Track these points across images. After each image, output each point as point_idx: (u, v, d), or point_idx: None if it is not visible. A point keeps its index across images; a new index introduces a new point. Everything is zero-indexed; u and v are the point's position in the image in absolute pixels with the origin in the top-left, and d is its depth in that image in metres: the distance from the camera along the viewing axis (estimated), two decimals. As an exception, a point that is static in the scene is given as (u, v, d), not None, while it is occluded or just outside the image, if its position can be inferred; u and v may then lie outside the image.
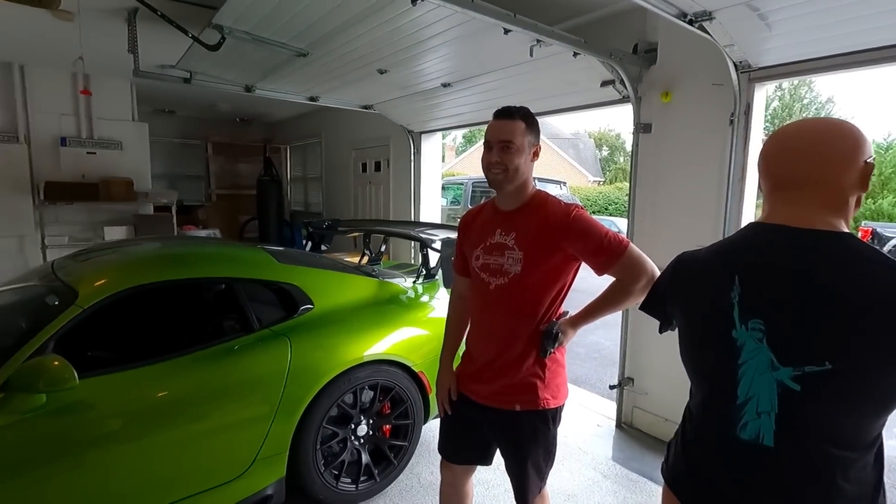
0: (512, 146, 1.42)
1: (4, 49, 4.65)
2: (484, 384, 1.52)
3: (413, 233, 3.24)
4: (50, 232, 5.51)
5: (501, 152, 1.42)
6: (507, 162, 1.42)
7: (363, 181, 6.61)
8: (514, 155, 1.42)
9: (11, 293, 2.12)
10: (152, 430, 1.78)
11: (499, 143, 1.43)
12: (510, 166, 1.42)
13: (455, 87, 3.74)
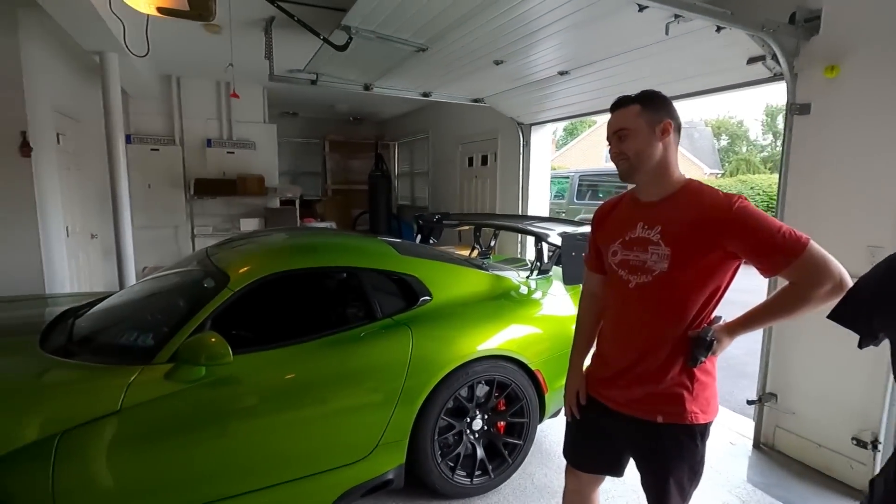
0: (626, 132, 1.33)
1: (167, 64, 5.34)
2: (620, 390, 1.40)
3: (527, 226, 3.15)
4: (198, 223, 6.28)
5: (618, 143, 1.35)
6: (625, 150, 1.34)
7: (469, 175, 6.64)
8: (630, 140, 1.33)
9: (175, 276, 2.41)
10: (287, 407, 1.91)
11: (613, 136, 1.37)
12: (629, 153, 1.33)
13: (573, 74, 3.57)
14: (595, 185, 9.68)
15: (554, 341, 2.56)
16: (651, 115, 1.33)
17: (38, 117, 3.55)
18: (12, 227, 3.47)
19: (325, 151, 9.15)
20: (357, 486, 2.03)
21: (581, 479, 1.56)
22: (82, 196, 4.69)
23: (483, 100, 4.86)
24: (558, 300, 2.76)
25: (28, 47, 3.44)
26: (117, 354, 1.82)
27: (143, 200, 5.82)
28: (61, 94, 4.21)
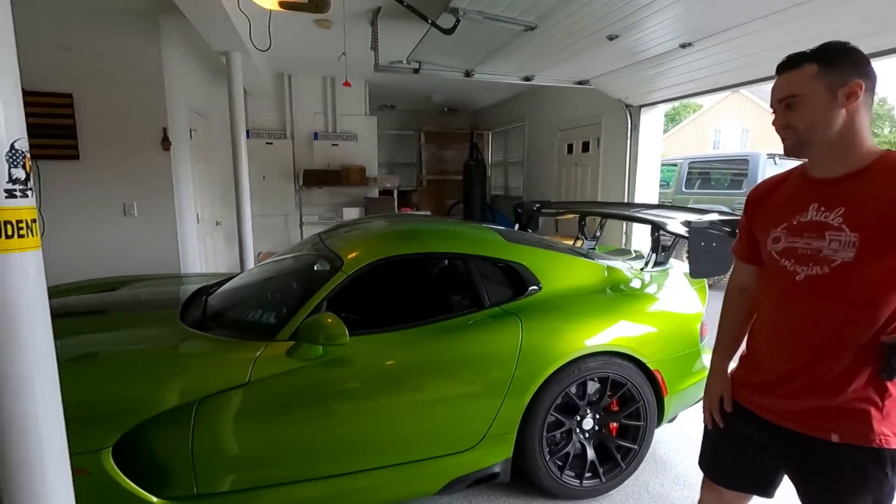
0: (796, 100, 1.11)
1: (281, 62, 5.70)
2: (780, 399, 1.19)
3: (641, 214, 2.90)
4: (305, 211, 6.68)
5: (785, 112, 1.13)
6: (793, 121, 1.12)
7: (568, 163, 6.36)
8: (801, 110, 1.10)
9: (292, 259, 2.53)
10: (398, 391, 1.91)
11: (779, 104, 1.14)
12: (800, 125, 1.11)
13: (697, 46, 3.22)
14: (707, 172, 8.84)
15: (673, 340, 2.33)
16: (833, 75, 1.09)
17: (176, 115, 3.95)
18: (155, 214, 3.90)
19: (421, 142, 9.29)
20: (463, 475, 1.99)
21: (722, 495, 1.38)
22: (209, 187, 5.17)
23: (588, 81, 4.59)
24: (677, 295, 2.51)
25: (168, 51, 3.83)
26: (244, 330, 1.93)
27: (258, 191, 6.30)
28: (193, 94, 4.66)
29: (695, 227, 2.32)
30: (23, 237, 0.95)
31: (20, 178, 0.95)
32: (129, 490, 1.60)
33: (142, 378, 1.69)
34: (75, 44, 3.53)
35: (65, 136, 3.53)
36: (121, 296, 2.68)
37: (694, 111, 23.79)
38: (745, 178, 6.77)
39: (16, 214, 0.94)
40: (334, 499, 1.87)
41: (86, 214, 3.73)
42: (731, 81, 3.71)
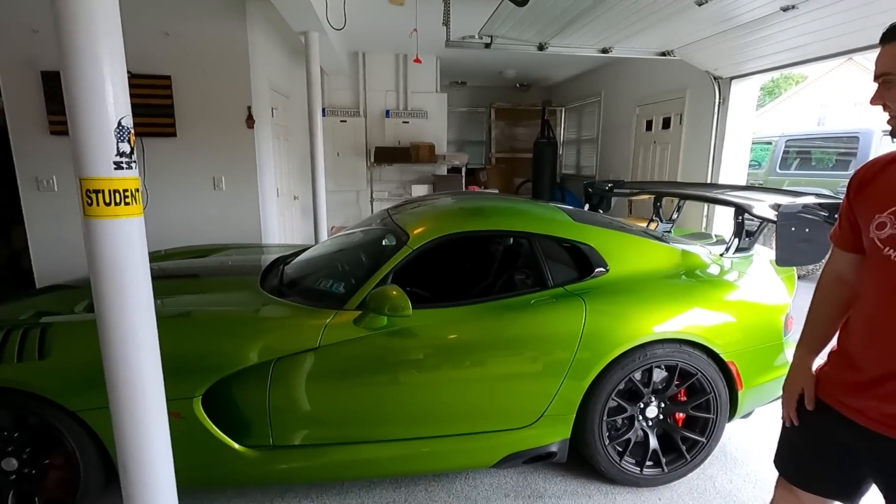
0: (893, 78, 0.99)
1: (355, 40, 5.83)
2: (877, 402, 1.09)
3: (724, 196, 2.70)
4: (376, 188, 6.88)
5: (883, 90, 1.02)
6: (891, 101, 1.01)
7: (646, 141, 6.02)
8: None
9: (362, 233, 2.63)
10: (458, 365, 1.96)
11: (878, 80, 1.03)
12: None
13: (802, 8, 2.88)
14: (807, 151, 7.98)
15: (752, 331, 2.18)
16: None
17: (259, 94, 4.19)
18: (240, 188, 4.20)
19: (491, 119, 9.18)
20: (520, 451, 2.01)
21: (799, 498, 1.29)
22: (288, 163, 5.46)
23: (672, 52, 4.27)
24: (761, 284, 2.33)
25: (253, 34, 4.04)
26: (316, 298, 2.06)
27: (332, 167, 6.56)
28: (275, 74, 4.90)
29: (784, 211, 2.12)
30: (128, 205, 1.07)
31: (126, 152, 1.06)
32: (215, 435, 1.79)
33: (227, 337, 1.86)
34: (173, 29, 3.83)
35: (164, 115, 3.87)
36: (210, 262, 2.93)
37: (797, 83, 21.40)
38: (854, 157, 6.04)
39: (122, 184, 1.06)
40: (394, 462, 1.97)
41: (182, 187, 4.09)
42: (841, 48, 3.29)
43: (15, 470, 1.76)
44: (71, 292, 2.39)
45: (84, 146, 1.02)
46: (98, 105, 1.02)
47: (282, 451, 1.89)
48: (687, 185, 3.89)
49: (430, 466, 2.05)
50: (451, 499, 2.07)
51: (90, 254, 1.07)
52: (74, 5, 0.99)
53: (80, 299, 2.17)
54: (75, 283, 2.51)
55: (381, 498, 2.07)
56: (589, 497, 2.08)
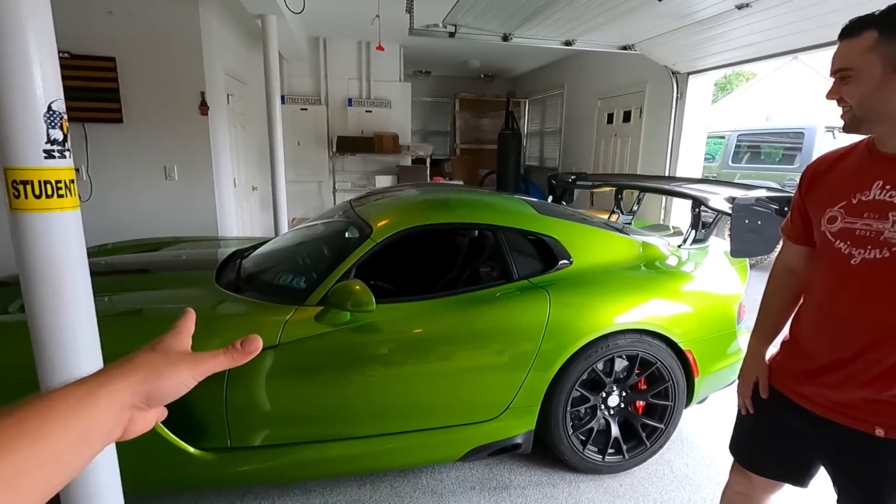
0: (850, 73, 1.01)
1: (316, 25, 5.64)
2: (825, 389, 1.13)
3: (682, 189, 2.77)
4: (338, 178, 6.73)
5: (838, 85, 1.04)
6: (846, 96, 1.02)
7: (608, 133, 6.13)
8: (853, 84, 1.00)
9: (323, 226, 2.56)
10: (421, 359, 1.93)
11: (834, 76, 1.05)
12: (851, 101, 1.02)
13: (756, 7, 2.97)
14: (757, 146, 8.35)
15: (708, 321, 2.25)
16: (894, 44, 0.97)
17: (213, 79, 3.99)
18: (194, 177, 4.00)
19: (455, 110, 9.13)
20: (485, 444, 2.01)
21: (753, 481, 1.34)
22: (245, 152, 5.25)
23: (633, 46, 4.35)
24: (716, 274, 2.42)
25: (206, 15, 3.83)
26: (275, 293, 1.98)
27: (292, 157, 6.36)
28: (230, 59, 4.68)
29: (739, 204, 2.20)
30: (62, 197, 0.98)
31: (58, 139, 0.97)
32: (168, 440, 1.70)
33: (179, 336, 1.76)
34: (117, 7, 3.58)
35: (109, 99, 3.63)
36: (162, 256, 2.79)
37: (747, 80, 22.34)
38: (800, 152, 6.35)
39: (54, 174, 0.97)
40: (359, 459, 1.93)
41: (130, 177, 3.86)
42: (792, 46, 3.43)
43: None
44: (4, 290, 2.22)
45: (9, 133, 0.92)
46: (24, 87, 0.92)
47: (241, 453, 1.82)
48: (647, 177, 3.99)
49: (395, 462, 2.03)
50: (417, 493, 2.05)
51: (18, 251, 0.97)
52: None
53: (14, 298, 2.01)
54: (7, 280, 2.33)
55: (345, 496, 2.03)
56: (553, 486, 2.11)
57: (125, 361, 0.40)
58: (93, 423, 0.35)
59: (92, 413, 0.35)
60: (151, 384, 0.40)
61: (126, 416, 0.38)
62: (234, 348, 0.45)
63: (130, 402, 0.38)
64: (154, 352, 0.42)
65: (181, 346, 0.45)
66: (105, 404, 0.36)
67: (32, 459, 0.30)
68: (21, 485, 0.30)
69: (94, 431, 0.35)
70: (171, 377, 0.41)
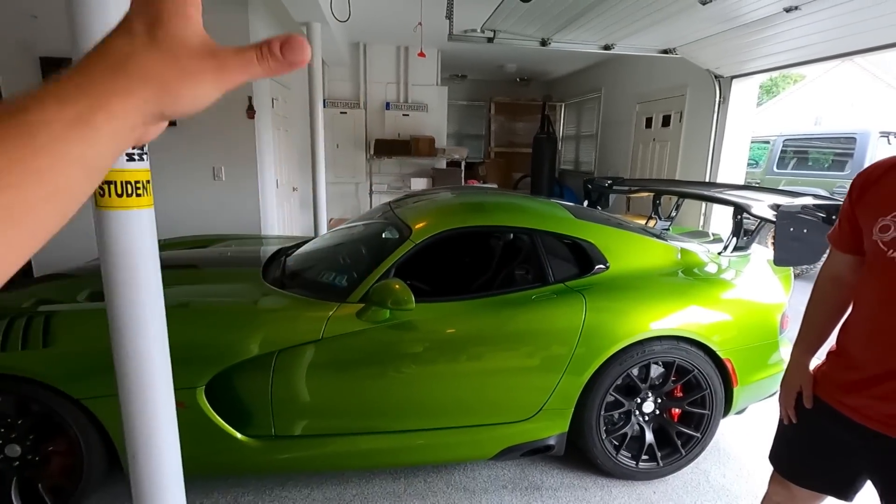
0: None
1: (357, 31, 5.79)
2: (874, 401, 1.11)
3: (723, 195, 2.72)
4: (375, 180, 6.86)
5: None
6: None
7: (646, 138, 6.03)
8: None
9: (364, 226, 2.64)
10: (459, 358, 1.98)
11: None
12: None
13: (804, 10, 2.89)
14: (804, 151, 8.02)
15: (748, 330, 2.21)
16: None
17: (260, 85, 4.16)
18: (240, 178, 4.18)
19: (491, 114, 9.16)
20: (518, 444, 2.04)
21: (792, 492, 1.32)
22: (288, 154, 5.44)
23: (674, 50, 4.28)
24: (757, 283, 2.36)
25: (254, 23, 4.01)
26: (319, 290, 2.07)
27: (331, 159, 6.53)
28: (276, 64, 4.85)
29: (783, 211, 2.15)
30: (140, 196, 1.08)
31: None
32: (218, 425, 1.80)
33: (230, 328, 1.87)
34: (174, 16, 3.79)
35: (164, 103, 3.83)
36: (210, 253, 2.93)
37: (795, 82, 21.44)
38: (851, 159, 6.08)
39: (134, 176, 1.07)
40: (394, 453, 2.00)
41: (181, 177, 4.07)
42: (843, 49, 3.32)
43: (18, 456, 1.78)
44: (70, 281, 2.39)
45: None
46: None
47: (283, 441, 1.91)
48: (686, 183, 3.92)
49: (429, 458, 2.08)
50: (450, 490, 2.10)
51: (101, 244, 1.07)
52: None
53: (82, 288, 2.17)
54: (74, 273, 2.51)
55: (380, 488, 2.09)
56: (585, 489, 2.12)
57: (117, 68, 0.29)
58: (94, 151, 0.28)
59: (91, 142, 0.28)
60: (164, 104, 0.31)
61: (134, 135, 0.31)
62: (272, 52, 0.33)
63: (139, 121, 0.30)
64: (160, 53, 0.30)
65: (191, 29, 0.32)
66: (107, 132, 0.28)
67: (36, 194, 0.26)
68: (29, 221, 0.26)
69: (99, 159, 0.29)
70: (189, 92, 0.31)
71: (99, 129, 0.28)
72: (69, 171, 0.27)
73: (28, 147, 0.25)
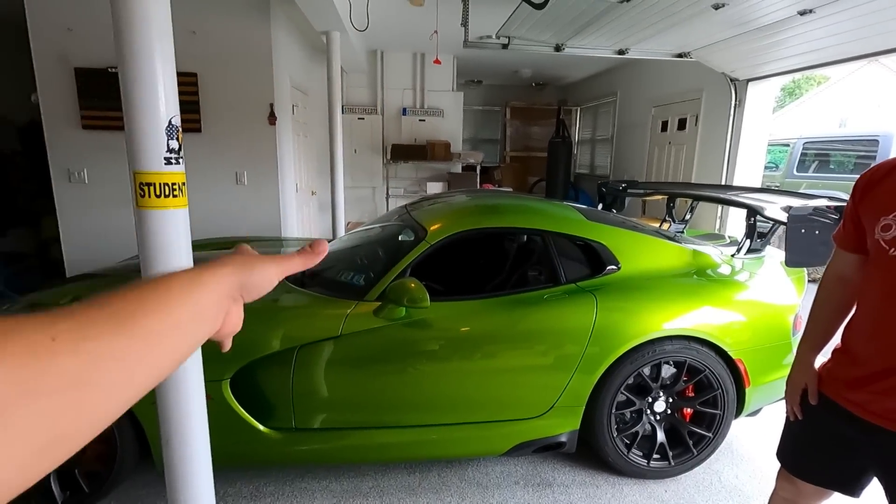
0: None
1: (375, 39, 5.92)
2: (877, 396, 1.14)
3: (736, 197, 2.74)
4: (391, 185, 6.97)
5: None
6: None
7: (661, 141, 6.02)
8: None
9: (380, 229, 2.72)
10: (472, 356, 2.04)
11: None
12: None
13: (819, 13, 2.90)
14: (825, 153, 7.89)
15: (760, 331, 2.23)
16: None
17: (281, 92, 4.29)
18: (261, 183, 4.31)
19: (506, 118, 9.22)
20: (530, 440, 2.09)
21: (799, 488, 1.35)
22: (307, 159, 5.58)
23: (689, 54, 4.29)
24: (770, 285, 2.38)
25: (276, 32, 4.15)
26: (338, 289, 2.15)
27: (349, 164, 6.66)
28: (296, 72, 5.00)
29: (794, 213, 2.16)
30: (176, 197, 1.17)
31: (175, 149, 1.16)
32: (242, 416, 1.89)
33: (253, 324, 1.94)
34: (200, 28, 3.95)
35: (190, 111, 3.99)
36: (234, 254, 3.05)
37: (819, 84, 21.02)
38: (874, 161, 5.98)
39: (171, 178, 1.16)
40: (408, 447, 2.06)
41: (205, 181, 4.21)
42: (862, 51, 3.30)
43: (57, 443, 1.88)
44: (102, 280, 2.51)
45: (138, 143, 1.12)
46: (152, 105, 1.11)
47: (303, 434, 1.99)
48: (700, 186, 3.92)
49: (442, 452, 2.14)
50: (463, 484, 2.15)
51: (141, 241, 1.16)
52: (133, 11, 1.08)
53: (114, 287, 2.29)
54: (105, 272, 2.64)
55: (395, 481, 2.16)
56: (597, 487, 2.15)
57: (213, 261, 0.42)
58: (203, 302, 0.38)
59: (202, 293, 0.38)
60: (245, 276, 0.42)
61: (226, 305, 0.41)
62: (306, 251, 0.50)
63: (228, 291, 0.41)
64: (239, 253, 0.45)
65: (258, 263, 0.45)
66: (211, 288, 0.39)
67: (162, 325, 0.33)
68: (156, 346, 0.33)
69: (206, 311, 0.38)
70: (260, 272, 0.44)
71: (206, 284, 0.39)
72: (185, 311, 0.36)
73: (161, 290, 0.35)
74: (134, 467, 1.94)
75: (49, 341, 0.27)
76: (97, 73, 3.81)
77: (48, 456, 0.26)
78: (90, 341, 0.29)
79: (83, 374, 0.28)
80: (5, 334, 0.26)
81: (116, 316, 0.32)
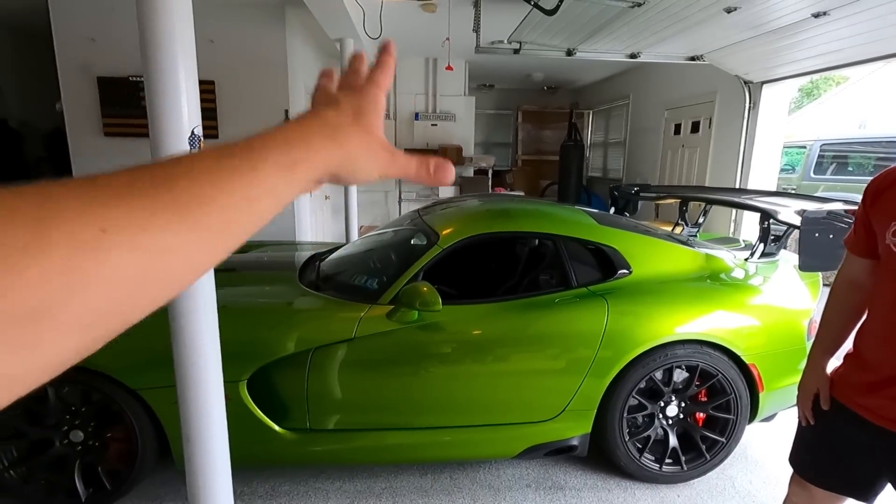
0: None
1: (386, 45, 5.97)
2: (889, 401, 1.14)
3: (750, 201, 2.72)
4: (404, 188, 7.03)
5: None
6: None
7: (674, 144, 5.99)
8: None
9: (393, 233, 2.76)
10: (484, 359, 2.06)
11: None
12: None
13: (833, 14, 2.88)
14: (844, 156, 7.76)
15: (774, 335, 2.21)
16: None
17: (295, 98, 4.37)
18: (276, 187, 4.38)
19: (518, 122, 9.23)
20: (542, 444, 2.10)
21: (812, 494, 1.34)
22: (321, 163, 5.64)
23: (702, 57, 4.27)
24: (784, 289, 2.36)
25: (291, 40, 4.23)
26: (351, 292, 2.19)
27: (362, 168, 6.72)
28: (311, 78, 5.08)
29: (808, 217, 2.15)
30: (197, 203, 1.21)
31: (196, 157, 1.20)
32: (258, 417, 1.93)
33: (269, 326, 2.01)
34: (217, 36, 4.04)
35: (209, 118, 4.08)
36: (247, 257, 3.10)
37: (838, 84, 20.65)
38: (894, 162, 5.87)
39: (193, 185, 1.20)
40: (420, 448, 2.09)
41: (222, 186, 4.29)
42: (878, 53, 3.26)
43: (81, 441, 1.95)
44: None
45: (163, 152, 1.17)
46: (176, 116, 1.16)
47: (317, 434, 2.02)
48: (713, 189, 3.90)
49: (454, 454, 2.16)
50: (475, 486, 2.17)
51: (165, 246, 1.21)
52: (159, 27, 1.13)
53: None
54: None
55: (407, 483, 2.18)
56: (608, 491, 2.15)
57: (335, 134, 0.38)
58: (287, 191, 0.34)
59: (288, 183, 0.34)
60: (345, 169, 0.38)
61: (311, 186, 0.37)
62: (427, 168, 0.43)
63: (322, 177, 0.37)
64: (360, 131, 0.39)
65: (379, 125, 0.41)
66: (302, 178, 0.35)
67: (233, 218, 0.31)
68: (224, 236, 0.30)
69: (285, 197, 0.35)
70: (365, 166, 0.39)
71: (298, 174, 0.35)
72: (268, 202, 0.33)
73: (248, 178, 0.31)
74: (154, 466, 1.99)
75: (99, 233, 0.23)
76: (119, 81, 3.92)
77: (96, 346, 0.25)
78: (147, 233, 0.25)
79: (139, 272, 0.25)
80: (44, 221, 0.22)
81: (180, 203, 0.27)
